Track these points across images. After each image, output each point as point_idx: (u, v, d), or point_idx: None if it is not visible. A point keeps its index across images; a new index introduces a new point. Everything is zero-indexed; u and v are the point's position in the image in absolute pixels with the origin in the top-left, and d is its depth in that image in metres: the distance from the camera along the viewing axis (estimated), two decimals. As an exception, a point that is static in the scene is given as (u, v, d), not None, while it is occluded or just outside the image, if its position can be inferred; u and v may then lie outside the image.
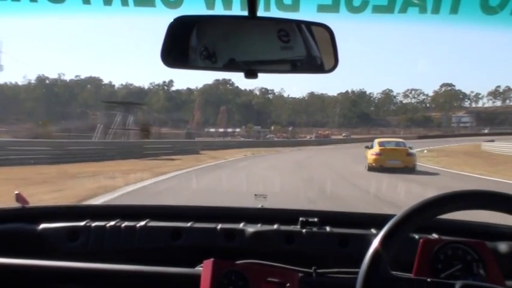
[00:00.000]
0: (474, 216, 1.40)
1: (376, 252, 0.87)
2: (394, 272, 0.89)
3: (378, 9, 1.33)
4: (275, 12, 1.32)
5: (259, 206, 1.68)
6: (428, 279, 0.88)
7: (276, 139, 48.42)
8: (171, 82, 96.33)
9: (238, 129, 56.71)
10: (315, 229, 1.39)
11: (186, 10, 1.44)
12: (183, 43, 1.09)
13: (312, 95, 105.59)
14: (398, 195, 8.61)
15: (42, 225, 1.43)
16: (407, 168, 13.22)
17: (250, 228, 1.39)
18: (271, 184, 9.92)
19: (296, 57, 1.10)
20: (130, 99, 73.95)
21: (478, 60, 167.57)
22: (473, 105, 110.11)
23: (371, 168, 13.57)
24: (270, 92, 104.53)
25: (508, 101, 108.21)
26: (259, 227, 1.41)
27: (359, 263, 0.89)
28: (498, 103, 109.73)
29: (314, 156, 23.91)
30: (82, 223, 1.42)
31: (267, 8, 1.32)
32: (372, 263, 0.87)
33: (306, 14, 1.37)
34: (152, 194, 8.73)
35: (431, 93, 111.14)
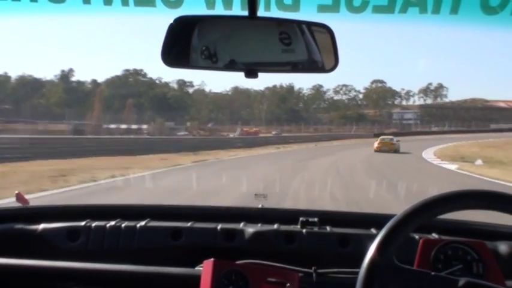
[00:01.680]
0: (473, 217, 1.40)
1: (373, 260, 0.87)
2: (397, 263, 0.89)
3: (378, 9, 1.33)
4: (275, 12, 1.33)
5: (260, 205, 1.68)
6: (432, 273, 0.88)
7: (192, 137, 39.13)
8: (71, 71, 79.80)
9: (144, 126, 47.41)
10: (315, 229, 1.39)
11: (186, 10, 1.45)
12: (183, 43, 1.09)
13: (236, 89, 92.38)
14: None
15: (43, 225, 1.42)
16: (393, 150, 25.45)
17: (250, 228, 1.39)
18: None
19: (297, 60, 1.10)
20: (22, 91, 65.84)
21: (408, 58, 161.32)
22: (404, 103, 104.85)
23: (376, 151, 25.67)
24: (188, 84, 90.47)
25: (439, 99, 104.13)
26: (259, 227, 1.41)
27: (359, 263, 0.89)
28: (429, 101, 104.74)
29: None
30: (82, 223, 1.42)
31: (267, 8, 1.33)
32: (369, 271, 0.86)
33: (306, 14, 1.37)
34: None
35: (362, 90, 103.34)
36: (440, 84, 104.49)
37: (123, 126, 44.91)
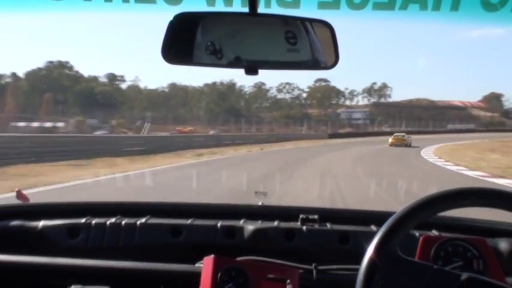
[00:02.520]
0: (473, 214, 1.40)
1: (373, 256, 0.87)
2: (400, 254, 0.89)
3: (378, 6, 1.33)
4: (276, 9, 1.33)
5: (260, 203, 1.68)
6: (435, 266, 0.88)
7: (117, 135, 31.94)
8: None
9: (60, 124, 40.59)
10: (315, 226, 1.40)
11: (186, 7, 1.44)
12: (184, 40, 1.09)
13: (173, 86, 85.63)
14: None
15: (43, 222, 1.42)
16: (405, 145, 30.82)
17: (251, 225, 1.39)
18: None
19: (302, 59, 1.10)
20: None
21: (352, 58, 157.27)
22: (348, 102, 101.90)
23: (390, 145, 30.80)
24: (119, 78, 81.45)
25: (383, 99, 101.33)
26: (259, 224, 1.41)
27: (359, 260, 0.89)
28: (373, 100, 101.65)
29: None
30: (82, 220, 1.42)
31: (268, 4, 1.33)
32: (369, 267, 0.86)
33: (307, 11, 1.37)
34: None
35: (306, 89, 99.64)
36: (385, 83, 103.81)
37: (35, 124, 38.99)
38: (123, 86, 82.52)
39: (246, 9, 1.07)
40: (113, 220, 1.42)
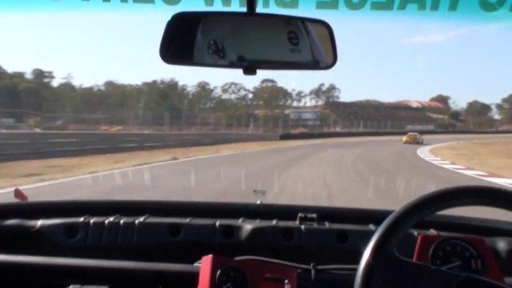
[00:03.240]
0: (468, 212, 1.40)
1: (372, 256, 0.87)
2: (398, 255, 0.89)
3: (376, 5, 1.33)
4: (274, 9, 1.33)
5: (258, 202, 1.68)
6: (432, 267, 0.88)
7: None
8: None
9: None
10: (313, 225, 1.40)
11: (185, 6, 1.44)
12: (182, 40, 1.09)
13: (110, 84, 77.85)
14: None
15: (41, 221, 1.42)
16: (416, 142, 34.91)
17: (249, 224, 1.39)
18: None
19: (303, 60, 1.10)
20: None
21: None
22: (296, 104, 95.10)
23: (405, 143, 34.66)
24: (47, 75, 72.20)
25: (331, 100, 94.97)
26: (257, 222, 1.41)
27: (358, 259, 0.89)
28: (320, 102, 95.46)
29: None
30: (81, 219, 1.42)
31: (266, 4, 1.33)
32: (368, 267, 0.86)
33: (305, 10, 1.37)
34: None
35: (252, 89, 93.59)
36: (333, 85, 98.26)
37: None
38: (54, 83, 74.34)
39: (244, 9, 1.07)
40: (111, 219, 1.42)
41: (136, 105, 75.66)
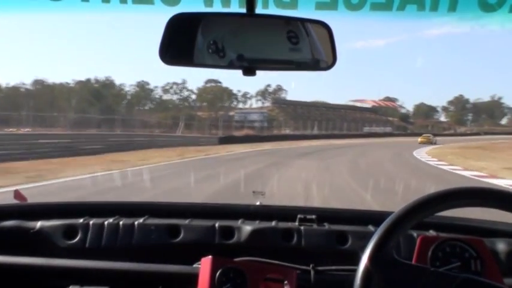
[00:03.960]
0: (468, 214, 1.39)
1: (371, 257, 0.87)
2: (396, 257, 0.89)
3: (376, 6, 1.33)
4: (273, 10, 1.33)
5: (258, 203, 1.68)
6: (432, 268, 0.88)
7: None
8: None
9: None
10: (313, 226, 1.40)
11: (184, 7, 1.44)
12: (181, 40, 1.09)
13: (39, 83, 69.22)
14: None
15: (40, 223, 1.42)
16: (430, 143, 39.81)
17: (249, 226, 1.39)
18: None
19: (303, 59, 1.10)
20: None
21: None
22: (241, 105, 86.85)
23: (420, 143, 38.89)
24: None
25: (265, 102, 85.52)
26: (257, 224, 1.41)
27: (357, 260, 0.89)
28: (267, 103, 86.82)
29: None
30: (80, 220, 1.42)
31: (265, 5, 1.33)
32: (367, 268, 0.86)
33: (305, 11, 1.37)
34: None
35: (196, 90, 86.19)
36: (280, 86, 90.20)
37: None
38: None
39: (243, 10, 1.07)
40: (110, 220, 1.42)
41: (67, 105, 66.01)
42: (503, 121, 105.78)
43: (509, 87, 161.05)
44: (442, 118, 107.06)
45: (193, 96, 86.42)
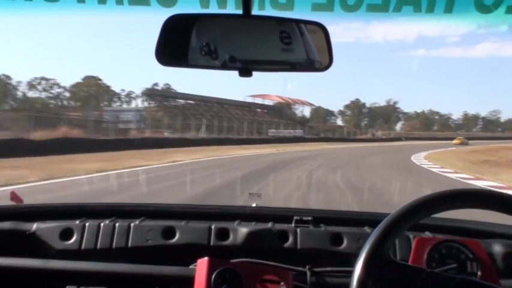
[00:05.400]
0: (465, 215, 1.36)
1: (367, 258, 0.87)
2: (393, 258, 0.89)
3: (372, 8, 1.33)
4: (270, 11, 1.33)
5: (254, 204, 1.68)
6: (427, 270, 0.88)
7: None
8: None
9: None
10: (309, 228, 1.40)
11: (180, 9, 1.44)
12: (177, 42, 1.09)
13: None
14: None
15: (36, 224, 1.42)
16: (462, 144, 52.08)
17: (245, 227, 1.39)
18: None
19: (297, 60, 1.10)
20: None
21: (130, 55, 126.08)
22: (125, 106, 71.80)
23: (454, 145, 48.88)
24: None
25: (166, 103, 59.65)
26: (253, 225, 1.41)
27: (353, 262, 0.89)
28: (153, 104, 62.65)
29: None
30: (76, 222, 1.42)
31: (262, 6, 1.33)
32: (364, 269, 0.86)
33: (301, 13, 1.37)
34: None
35: (68, 87, 70.87)
36: (168, 85, 76.29)
37: None
38: None
39: (240, 11, 1.07)
40: (107, 222, 1.42)
41: None
42: (398, 126, 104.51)
43: (405, 92, 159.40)
44: (339, 122, 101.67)
45: (67, 94, 71.61)
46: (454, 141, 52.61)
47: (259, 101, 70.58)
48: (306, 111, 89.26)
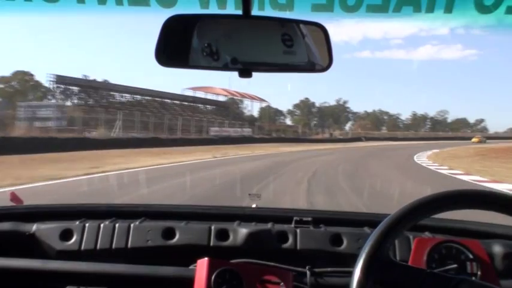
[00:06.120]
0: (465, 215, 1.38)
1: (367, 259, 0.87)
2: (393, 258, 0.89)
3: (372, 8, 1.33)
4: (269, 12, 1.33)
5: (254, 205, 1.68)
6: (427, 270, 0.88)
7: None
8: None
9: None
10: (309, 228, 1.40)
11: (180, 9, 1.44)
12: (177, 42, 1.08)
13: None
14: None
15: (36, 225, 1.42)
16: (480, 142, 60.07)
17: (244, 228, 1.39)
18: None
19: (298, 62, 1.10)
20: None
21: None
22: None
23: (473, 143, 57.65)
24: None
25: (104, 100, 42.11)
26: (253, 226, 1.40)
27: (353, 262, 0.89)
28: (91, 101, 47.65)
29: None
30: (76, 222, 1.42)
31: (261, 7, 1.32)
32: (363, 270, 0.86)
33: (301, 13, 1.37)
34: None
35: None
36: (107, 80, 55.28)
37: None
38: None
39: (239, 12, 1.07)
40: (106, 222, 1.41)
41: None
42: (347, 126, 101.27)
43: (354, 92, 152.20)
44: (288, 121, 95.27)
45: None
46: (473, 140, 61.66)
47: (201, 94, 59.28)
48: (255, 110, 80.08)
